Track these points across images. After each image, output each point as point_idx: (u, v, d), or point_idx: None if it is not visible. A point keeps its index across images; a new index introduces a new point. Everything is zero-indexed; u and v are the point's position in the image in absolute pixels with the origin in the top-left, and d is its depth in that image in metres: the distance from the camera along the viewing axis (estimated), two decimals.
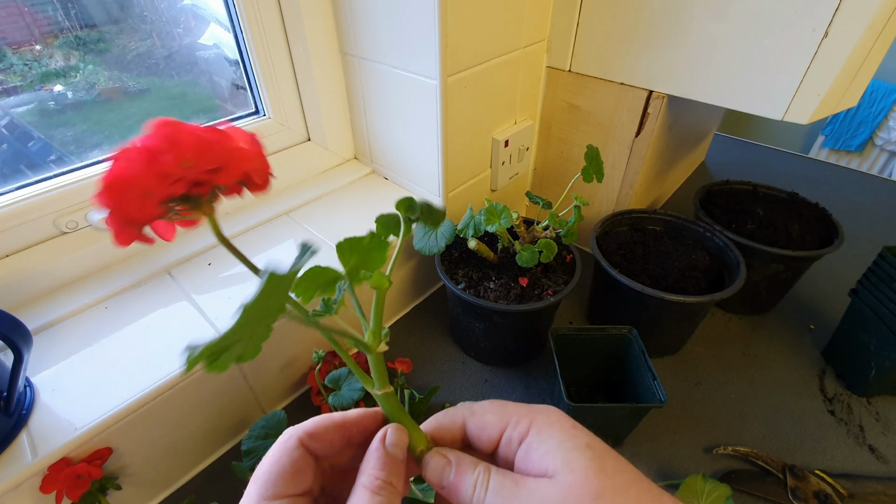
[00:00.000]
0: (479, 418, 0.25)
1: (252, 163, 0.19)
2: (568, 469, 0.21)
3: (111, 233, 0.17)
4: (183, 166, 0.17)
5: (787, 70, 0.50)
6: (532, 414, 0.24)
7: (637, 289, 0.54)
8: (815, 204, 0.69)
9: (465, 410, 0.26)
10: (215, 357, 0.18)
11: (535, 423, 0.23)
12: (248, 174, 0.19)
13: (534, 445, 0.22)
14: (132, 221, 0.17)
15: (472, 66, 0.58)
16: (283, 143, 0.75)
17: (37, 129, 0.56)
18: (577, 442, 0.22)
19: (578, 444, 0.22)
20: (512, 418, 0.24)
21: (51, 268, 0.54)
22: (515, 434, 0.23)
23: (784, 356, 0.65)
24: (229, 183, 0.18)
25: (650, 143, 0.66)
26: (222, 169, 0.18)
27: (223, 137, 0.18)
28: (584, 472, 0.21)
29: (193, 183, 0.17)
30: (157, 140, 0.17)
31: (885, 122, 1.87)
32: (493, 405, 0.25)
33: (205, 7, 0.66)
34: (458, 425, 0.25)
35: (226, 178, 0.18)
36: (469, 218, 0.57)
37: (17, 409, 0.42)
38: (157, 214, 0.17)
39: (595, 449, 0.22)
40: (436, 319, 0.70)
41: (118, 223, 0.17)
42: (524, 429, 0.23)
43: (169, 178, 0.17)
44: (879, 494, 0.49)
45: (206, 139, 0.18)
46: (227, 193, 0.19)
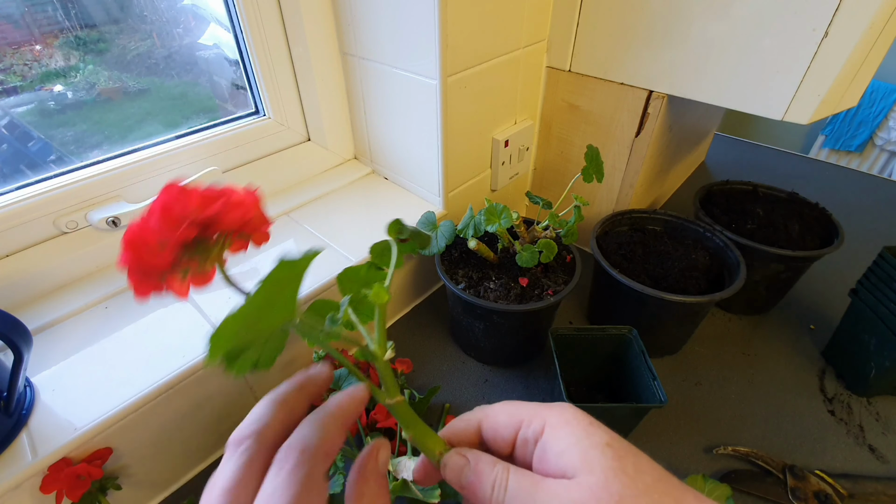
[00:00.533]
0: (492, 419, 0.24)
1: (251, 210, 0.21)
2: (587, 470, 0.20)
3: (132, 288, 0.19)
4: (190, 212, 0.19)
5: (787, 70, 0.50)
6: (545, 412, 0.23)
7: (637, 289, 0.54)
8: (815, 204, 0.69)
9: (479, 413, 0.25)
10: (234, 357, 0.20)
11: (550, 421, 0.22)
12: (249, 220, 0.21)
13: (549, 444, 0.22)
14: (151, 270, 0.19)
15: (472, 66, 0.58)
16: (283, 143, 0.75)
17: (37, 129, 0.56)
18: (594, 440, 0.21)
19: (597, 443, 0.21)
20: (525, 418, 0.23)
21: (51, 268, 0.54)
22: (530, 433, 0.23)
23: (784, 356, 0.65)
24: (233, 224, 0.20)
25: (650, 143, 0.66)
26: (225, 213, 0.20)
27: (224, 191, 0.21)
28: (604, 472, 0.20)
29: (202, 225, 0.20)
30: (166, 197, 0.19)
31: (885, 122, 1.87)
32: (506, 406, 0.25)
33: (205, 7, 0.66)
34: (474, 429, 0.25)
35: (229, 220, 0.20)
36: (469, 218, 0.57)
37: (17, 409, 0.42)
38: (173, 261, 0.19)
39: (615, 448, 0.21)
40: (436, 319, 0.70)
41: (138, 275, 0.19)
42: (538, 428, 0.23)
43: (180, 223, 0.19)
44: (879, 494, 0.49)
45: (209, 192, 0.20)
46: (232, 246, 0.22)
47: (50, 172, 0.56)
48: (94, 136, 0.60)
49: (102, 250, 0.57)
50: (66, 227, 0.56)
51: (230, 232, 0.21)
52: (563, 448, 0.21)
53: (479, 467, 0.23)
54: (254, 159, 0.72)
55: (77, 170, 0.58)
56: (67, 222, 0.56)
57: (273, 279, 0.18)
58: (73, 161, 0.58)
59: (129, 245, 0.19)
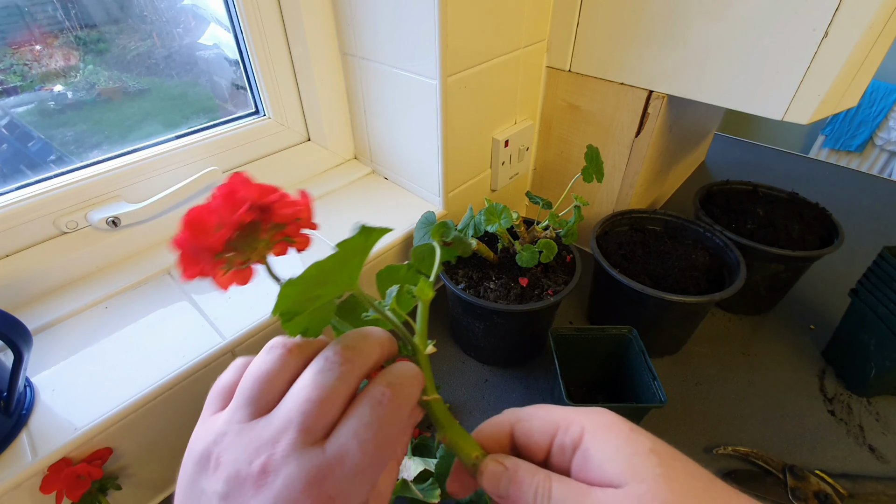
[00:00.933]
0: (526, 424, 0.23)
1: (304, 211, 0.22)
2: (636, 478, 0.19)
3: (180, 267, 0.20)
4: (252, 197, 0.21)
5: (787, 70, 0.50)
6: (584, 417, 0.22)
7: (637, 289, 0.54)
8: (815, 204, 0.69)
9: (510, 417, 0.24)
10: (290, 317, 0.21)
11: (588, 427, 0.21)
12: (299, 218, 0.22)
13: (591, 452, 0.21)
14: (203, 251, 0.20)
15: (472, 66, 0.58)
16: (283, 143, 0.75)
17: (37, 129, 0.56)
18: (638, 447, 0.20)
19: (641, 450, 0.20)
20: (562, 423, 0.22)
21: (51, 268, 0.54)
22: (567, 440, 0.22)
23: (784, 356, 0.65)
24: (287, 217, 0.22)
25: (650, 143, 0.66)
26: (282, 205, 0.21)
27: (279, 188, 0.22)
28: (654, 480, 0.19)
29: (260, 209, 0.21)
30: (232, 182, 0.21)
31: (885, 122, 1.87)
32: (538, 409, 0.24)
33: (205, 7, 0.66)
34: (505, 433, 0.24)
35: (284, 213, 0.21)
36: (469, 218, 0.57)
37: (17, 409, 0.42)
38: (225, 244, 0.20)
39: (660, 454, 0.20)
40: (436, 319, 0.70)
41: (189, 254, 0.20)
42: (576, 434, 0.22)
43: (241, 206, 0.20)
44: (879, 494, 0.49)
45: (266, 186, 0.21)
46: (275, 248, 0.23)
47: (50, 172, 0.56)
48: (94, 136, 0.60)
49: (102, 250, 0.57)
50: (66, 227, 0.56)
51: (280, 227, 0.22)
52: (607, 456, 0.20)
53: (520, 475, 0.22)
54: (254, 159, 0.72)
55: (77, 170, 0.58)
56: (67, 222, 0.56)
57: (350, 245, 0.19)
58: (73, 161, 0.58)
59: (188, 224, 0.20)
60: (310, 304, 0.22)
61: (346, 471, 0.19)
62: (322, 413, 0.20)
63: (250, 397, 0.21)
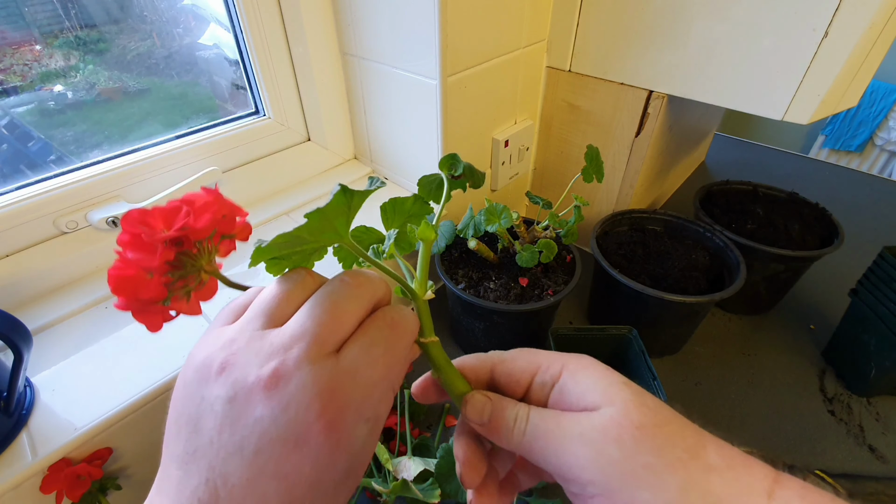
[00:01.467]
0: (509, 364, 0.25)
1: (221, 208, 0.20)
2: (608, 402, 0.21)
3: (144, 325, 0.19)
4: (160, 234, 0.19)
5: (787, 70, 0.50)
6: (563, 359, 0.24)
7: (637, 289, 0.54)
8: (815, 204, 0.69)
9: (494, 356, 0.26)
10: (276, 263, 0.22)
11: (568, 367, 0.23)
12: (221, 219, 0.21)
13: (568, 386, 0.22)
14: (149, 303, 0.19)
15: (472, 66, 0.58)
16: (283, 143, 0.75)
17: (37, 129, 0.56)
18: (613, 379, 0.22)
19: (615, 381, 0.22)
20: (543, 363, 0.24)
21: (51, 268, 0.54)
22: (548, 377, 0.23)
23: (784, 356, 0.65)
24: (207, 229, 0.20)
25: (650, 143, 0.66)
26: (195, 220, 0.20)
27: (185, 199, 0.20)
28: (625, 404, 0.21)
29: (175, 241, 0.19)
30: (129, 227, 0.19)
31: (885, 122, 1.87)
32: (523, 352, 0.25)
33: (205, 7, 0.66)
34: (487, 369, 0.25)
35: (202, 226, 0.20)
36: (469, 218, 0.57)
37: (17, 409, 0.42)
38: (166, 286, 0.19)
39: (632, 386, 0.22)
40: (436, 319, 0.70)
41: (140, 311, 0.19)
42: (556, 372, 0.23)
43: (155, 248, 0.19)
44: (879, 494, 0.49)
45: (168, 207, 0.20)
46: (220, 251, 0.22)
47: (50, 172, 0.56)
48: (94, 136, 0.60)
49: (102, 250, 0.57)
50: (66, 227, 0.56)
51: (209, 237, 0.21)
52: (583, 389, 0.22)
53: (502, 403, 0.23)
54: (254, 159, 0.72)
55: (77, 170, 0.57)
56: (67, 222, 0.56)
57: (327, 210, 0.19)
58: (73, 161, 0.58)
59: (117, 288, 0.19)
60: (298, 251, 0.22)
61: (357, 383, 0.19)
62: (336, 327, 0.20)
63: (266, 309, 0.21)
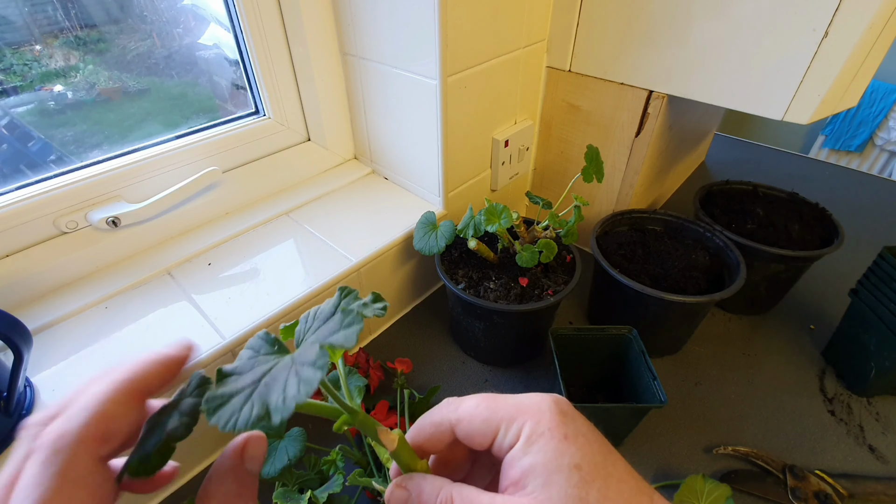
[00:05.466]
0: (466, 426, 0.23)
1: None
2: (544, 493, 0.19)
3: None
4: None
5: (787, 70, 0.50)
6: (525, 417, 0.21)
7: (637, 289, 0.54)
8: (815, 204, 0.69)
9: (450, 415, 0.23)
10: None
11: (525, 429, 0.21)
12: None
13: (517, 457, 0.21)
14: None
15: (472, 66, 0.58)
16: (283, 143, 0.75)
17: (37, 129, 0.56)
18: (563, 461, 0.20)
19: (564, 464, 0.19)
20: (503, 423, 0.22)
21: (51, 268, 0.54)
22: (505, 444, 0.21)
23: (784, 356, 0.65)
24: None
25: (650, 143, 0.66)
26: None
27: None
28: (560, 500, 0.19)
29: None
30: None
31: (885, 122, 1.87)
32: (480, 407, 0.23)
33: (205, 7, 0.66)
34: (447, 432, 0.24)
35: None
36: (469, 218, 0.57)
37: (17, 409, 0.42)
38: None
39: (584, 470, 0.19)
40: (436, 319, 0.70)
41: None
42: (513, 438, 0.21)
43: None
44: (879, 494, 0.49)
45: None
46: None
47: (50, 172, 0.56)
48: (94, 136, 0.60)
49: (102, 250, 0.57)
50: (66, 227, 0.56)
51: None
52: (530, 465, 0.20)
53: (423, 498, 0.22)
54: (254, 159, 0.72)
55: (77, 170, 0.58)
56: (67, 222, 0.56)
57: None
58: (73, 161, 0.58)
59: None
60: None
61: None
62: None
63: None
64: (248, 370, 0.20)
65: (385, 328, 0.69)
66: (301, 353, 0.20)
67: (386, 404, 0.55)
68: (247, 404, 0.18)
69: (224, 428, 0.17)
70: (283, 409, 0.17)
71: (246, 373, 0.20)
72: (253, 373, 0.19)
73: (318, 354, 0.19)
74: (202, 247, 0.61)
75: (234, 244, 0.63)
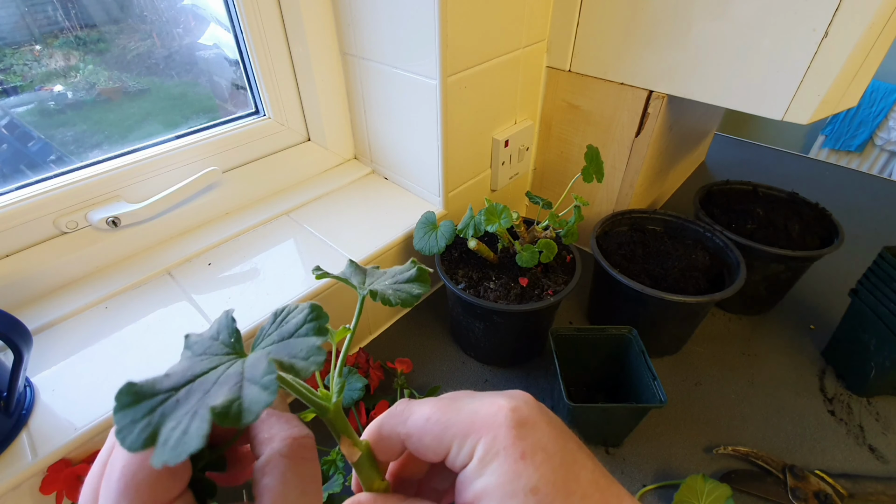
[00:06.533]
0: (416, 443, 0.21)
1: None
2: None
3: None
4: None
5: (787, 70, 0.50)
6: (478, 434, 0.19)
7: (637, 289, 0.54)
8: (815, 204, 0.69)
9: (398, 428, 0.22)
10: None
11: (479, 447, 0.19)
12: None
13: (470, 478, 0.19)
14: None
15: (472, 66, 0.58)
16: (283, 143, 0.75)
17: (37, 129, 0.56)
18: (519, 484, 0.18)
19: (520, 488, 0.18)
20: (454, 442, 0.20)
21: (51, 268, 0.54)
22: (458, 462, 0.20)
23: (784, 356, 0.65)
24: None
25: (650, 143, 0.66)
26: None
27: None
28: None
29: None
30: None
31: (885, 122, 1.87)
32: (430, 422, 0.21)
33: (205, 7, 0.66)
34: (398, 445, 0.22)
35: None
36: (469, 218, 0.57)
37: (17, 409, 0.42)
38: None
39: (541, 493, 0.18)
40: (436, 319, 0.70)
41: None
42: (466, 457, 0.19)
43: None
44: (879, 494, 0.49)
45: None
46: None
47: (50, 172, 0.56)
48: (94, 136, 0.60)
49: (102, 250, 0.57)
50: (66, 227, 0.56)
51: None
52: (483, 488, 0.19)
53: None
54: (254, 159, 0.72)
55: (77, 170, 0.58)
56: (67, 222, 0.56)
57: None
58: (73, 161, 0.58)
59: None
60: None
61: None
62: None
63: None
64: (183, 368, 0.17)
65: (385, 328, 0.69)
66: (253, 362, 0.17)
67: (386, 404, 0.55)
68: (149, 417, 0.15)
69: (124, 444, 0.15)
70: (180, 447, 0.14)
71: (178, 372, 0.17)
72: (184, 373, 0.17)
73: (267, 370, 0.16)
74: (202, 247, 0.61)
75: (234, 244, 0.63)
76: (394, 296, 0.24)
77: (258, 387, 0.16)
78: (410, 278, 0.25)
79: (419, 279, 0.25)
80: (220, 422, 0.15)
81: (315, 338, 0.18)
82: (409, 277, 0.25)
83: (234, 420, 0.15)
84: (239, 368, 0.17)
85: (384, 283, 0.25)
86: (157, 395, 0.16)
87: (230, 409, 0.15)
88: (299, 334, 0.19)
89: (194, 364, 0.18)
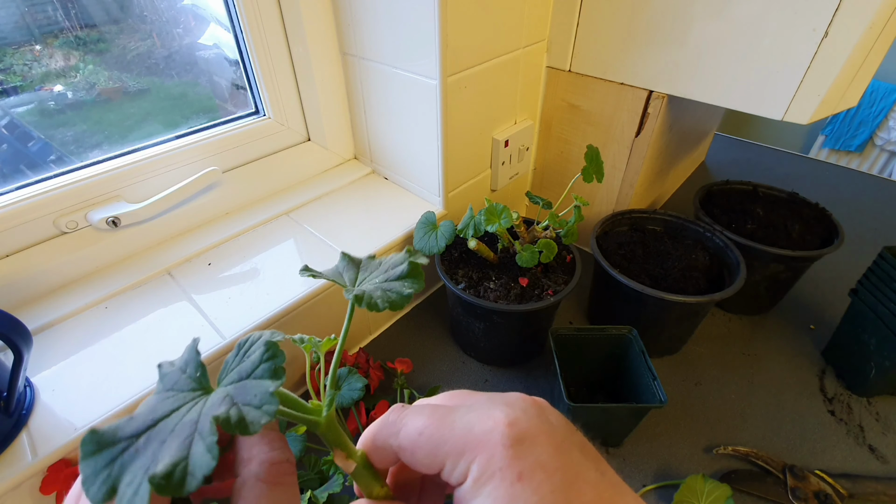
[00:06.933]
0: (409, 457, 0.20)
1: None
2: None
3: None
4: None
5: (787, 70, 0.50)
6: (472, 454, 0.18)
7: (637, 289, 0.54)
8: (815, 204, 0.69)
9: (391, 440, 0.21)
10: None
11: (473, 468, 0.18)
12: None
13: (466, 498, 0.18)
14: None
15: (472, 66, 0.58)
16: (283, 143, 0.75)
17: (37, 129, 0.56)
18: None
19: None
20: (447, 460, 0.19)
21: (51, 268, 0.54)
22: (453, 479, 0.19)
23: (784, 356, 0.65)
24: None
25: (650, 143, 0.66)
26: None
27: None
28: None
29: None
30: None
31: (885, 122, 1.87)
32: (423, 436, 0.20)
33: (205, 7, 0.66)
34: (391, 455, 0.22)
35: None
36: (469, 218, 0.57)
37: (17, 409, 0.42)
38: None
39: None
40: (436, 319, 0.70)
41: None
42: (461, 475, 0.19)
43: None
44: (879, 494, 0.49)
45: None
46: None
47: (50, 172, 0.56)
48: (94, 136, 0.60)
49: (102, 250, 0.57)
50: (66, 227, 0.56)
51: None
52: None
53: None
54: (254, 159, 0.72)
55: (77, 170, 0.58)
56: (67, 222, 0.56)
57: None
58: (73, 161, 0.58)
59: None
60: None
61: None
62: None
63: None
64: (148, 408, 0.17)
65: (385, 328, 0.69)
66: (211, 405, 0.17)
67: (386, 404, 0.55)
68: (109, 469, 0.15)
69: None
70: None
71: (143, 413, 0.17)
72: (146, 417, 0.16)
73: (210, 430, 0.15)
74: (202, 247, 0.61)
75: (234, 244, 0.63)
76: (382, 298, 0.22)
77: (204, 447, 0.15)
78: (402, 274, 0.23)
79: (411, 275, 0.23)
80: (160, 492, 0.14)
81: (269, 381, 0.17)
82: (400, 273, 0.23)
83: (176, 489, 0.14)
84: (195, 416, 0.17)
85: (375, 280, 0.23)
86: (118, 444, 0.16)
87: (172, 477, 0.14)
88: (255, 375, 0.18)
89: (159, 404, 0.17)
